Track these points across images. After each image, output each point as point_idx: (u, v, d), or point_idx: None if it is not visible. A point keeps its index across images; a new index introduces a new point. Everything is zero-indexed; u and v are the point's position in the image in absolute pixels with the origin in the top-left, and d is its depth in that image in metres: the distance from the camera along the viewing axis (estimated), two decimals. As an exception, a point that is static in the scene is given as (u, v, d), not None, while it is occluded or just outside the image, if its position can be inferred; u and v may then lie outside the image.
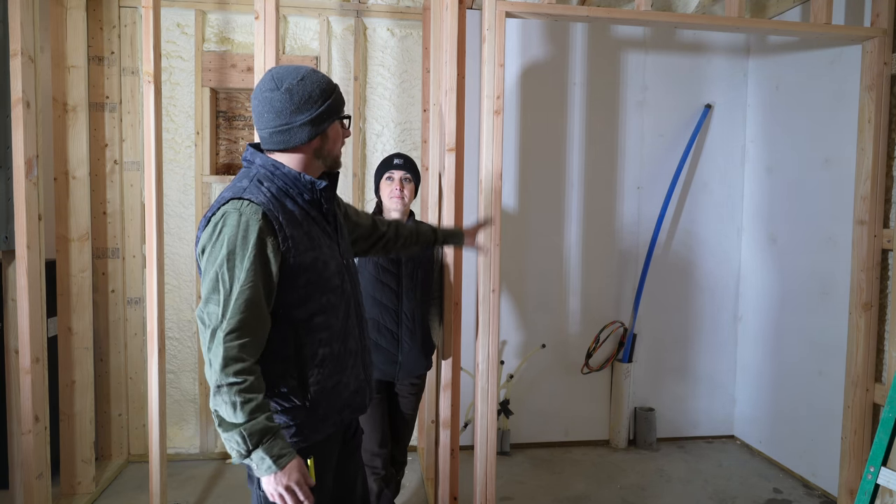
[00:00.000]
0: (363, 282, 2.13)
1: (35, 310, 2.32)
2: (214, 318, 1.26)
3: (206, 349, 1.27)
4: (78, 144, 2.81)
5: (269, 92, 1.37)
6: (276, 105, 1.36)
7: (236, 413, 1.24)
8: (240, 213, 1.29)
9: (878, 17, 2.64)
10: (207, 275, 1.29)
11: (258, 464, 1.26)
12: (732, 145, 3.62)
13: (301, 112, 1.37)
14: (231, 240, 1.28)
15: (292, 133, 1.38)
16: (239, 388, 1.24)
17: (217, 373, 1.24)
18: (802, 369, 3.14)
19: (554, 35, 3.44)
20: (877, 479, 1.89)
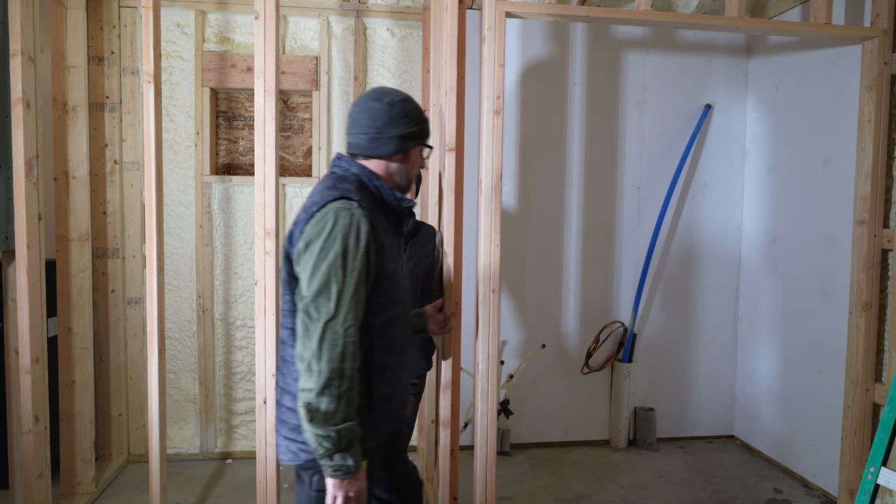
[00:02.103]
0: None
1: (35, 310, 2.32)
2: (326, 312, 1.28)
3: (316, 341, 1.27)
4: (78, 144, 2.81)
5: (372, 102, 1.48)
6: (374, 114, 1.46)
7: (337, 410, 1.26)
8: (351, 213, 1.33)
9: (878, 17, 2.64)
10: (318, 268, 1.30)
11: (337, 465, 1.28)
12: (732, 145, 3.62)
13: (394, 126, 1.47)
14: (345, 237, 1.31)
15: (381, 142, 1.47)
16: (349, 387, 1.27)
17: (332, 365, 1.26)
18: (802, 369, 3.14)
19: (554, 35, 3.44)
20: (877, 479, 1.89)
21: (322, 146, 3.30)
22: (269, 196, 2.36)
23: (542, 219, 3.48)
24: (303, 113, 3.42)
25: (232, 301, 3.32)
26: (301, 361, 1.29)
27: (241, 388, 3.35)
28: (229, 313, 3.32)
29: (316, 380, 1.26)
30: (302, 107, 3.41)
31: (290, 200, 3.33)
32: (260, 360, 2.40)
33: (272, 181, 2.36)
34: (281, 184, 3.26)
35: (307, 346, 1.29)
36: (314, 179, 3.30)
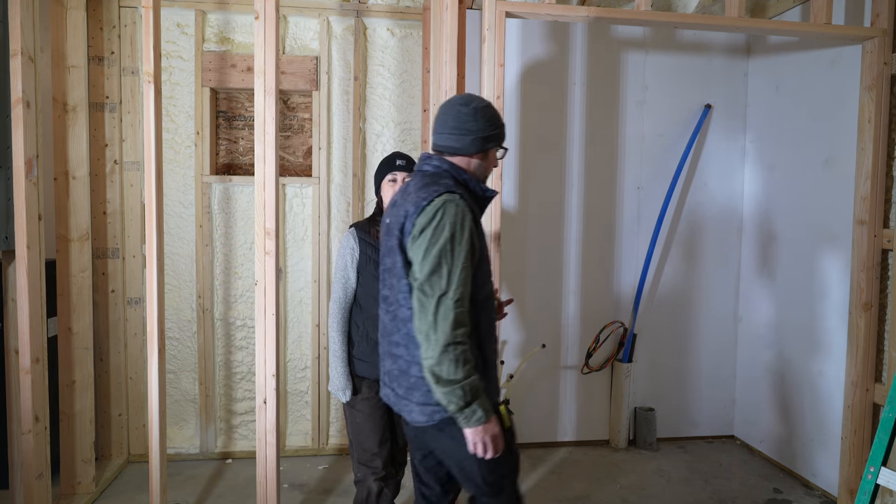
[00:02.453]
0: (365, 282, 2.14)
1: (35, 310, 2.31)
2: (439, 288, 1.49)
3: (431, 314, 1.49)
4: (78, 144, 2.81)
5: (460, 106, 1.68)
6: (461, 116, 1.66)
7: (457, 370, 1.47)
8: (456, 204, 1.54)
9: (878, 17, 2.64)
10: (430, 252, 1.52)
11: (468, 416, 1.49)
12: (732, 145, 3.62)
13: (477, 128, 1.66)
14: (452, 224, 1.52)
15: (465, 141, 1.66)
16: (463, 349, 1.48)
17: (446, 333, 1.47)
18: (802, 369, 3.15)
19: (554, 35, 3.44)
20: (877, 479, 1.89)
21: (322, 146, 3.30)
22: (269, 196, 2.36)
23: (541, 219, 3.48)
24: (303, 113, 3.42)
25: (232, 301, 3.32)
26: (420, 333, 1.51)
27: (241, 388, 3.35)
28: (229, 313, 3.33)
29: (434, 347, 1.48)
30: (302, 107, 3.41)
31: (290, 200, 3.33)
32: (260, 360, 2.40)
33: (272, 181, 2.36)
34: (281, 184, 3.27)
35: (424, 319, 1.50)
36: (314, 179, 3.30)
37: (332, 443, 3.42)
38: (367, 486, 2.18)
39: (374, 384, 2.18)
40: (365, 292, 2.16)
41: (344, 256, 2.17)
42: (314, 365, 3.36)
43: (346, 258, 2.16)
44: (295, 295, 3.36)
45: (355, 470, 2.22)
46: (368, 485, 2.18)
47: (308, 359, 3.39)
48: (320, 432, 3.38)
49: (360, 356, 2.17)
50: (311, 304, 3.36)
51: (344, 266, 2.16)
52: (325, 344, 3.36)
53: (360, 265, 2.15)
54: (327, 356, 3.37)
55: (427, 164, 1.70)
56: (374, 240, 2.16)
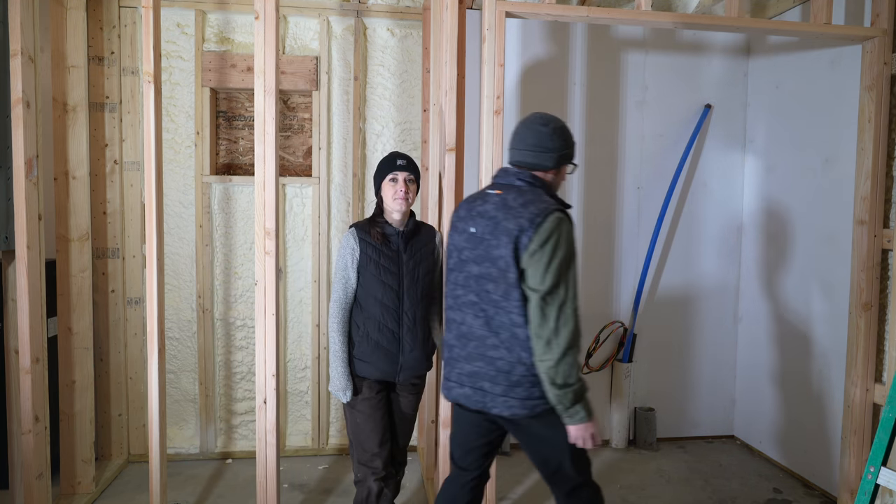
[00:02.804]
0: (366, 282, 2.14)
1: (35, 310, 2.32)
2: (559, 299, 1.66)
3: (553, 321, 1.65)
4: (78, 144, 2.81)
5: (540, 126, 1.86)
6: (540, 136, 1.84)
7: (571, 375, 1.66)
8: (568, 220, 1.75)
9: (878, 17, 2.64)
10: (551, 266, 1.67)
11: (573, 414, 1.70)
12: (732, 145, 3.62)
13: (554, 147, 1.85)
14: (569, 240, 1.72)
15: (543, 158, 1.85)
16: (577, 355, 1.67)
17: (567, 340, 1.65)
18: (802, 369, 3.14)
19: (554, 35, 3.44)
20: (877, 479, 1.89)
21: (322, 146, 3.30)
22: (269, 196, 2.36)
23: (542, 219, 3.48)
24: (303, 113, 3.42)
25: (232, 301, 3.32)
26: (539, 339, 1.67)
27: (241, 388, 3.35)
28: (229, 313, 3.33)
29: (555, 352, 1.65)
30: (302, 107, 3.41)
31: (290, 200, 3.33)
32: (260, 360, 2.40)
33: (272, 181, 2.36)
34: (281, 184, 3.27)
35: (545, 326, 1.66)
36: (314, 179, 3.30)
37: (332, 443, 3.42)
38: (367, 486, 2.18)
39: (374, 384, 2.18)
40: (366, 293, 2.15)
41: (344, 257, 2.16)
42: (314, 365, 3.36)
43: (347, 258, 2.15)
44: (295, 295, 3.36)
45: (355, 470, 2.22)
46: (369, 485, 2.18)
47: (308, 359, 3.39)
48: (320, 432, 3.38)
49: (360, 356, 2.16)
50: (311, 304, 3.36)
51: (344, 266, 2.16)
52: (325, 344, 3.36)
53: (361, 265, 2.15)
54: (327, 356, 3.37)
55: (517, 180, 1.85)
56: (375, 241, 2.15)
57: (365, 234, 2.16)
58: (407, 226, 2.21)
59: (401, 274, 2.18)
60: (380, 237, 2.17)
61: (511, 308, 1.74)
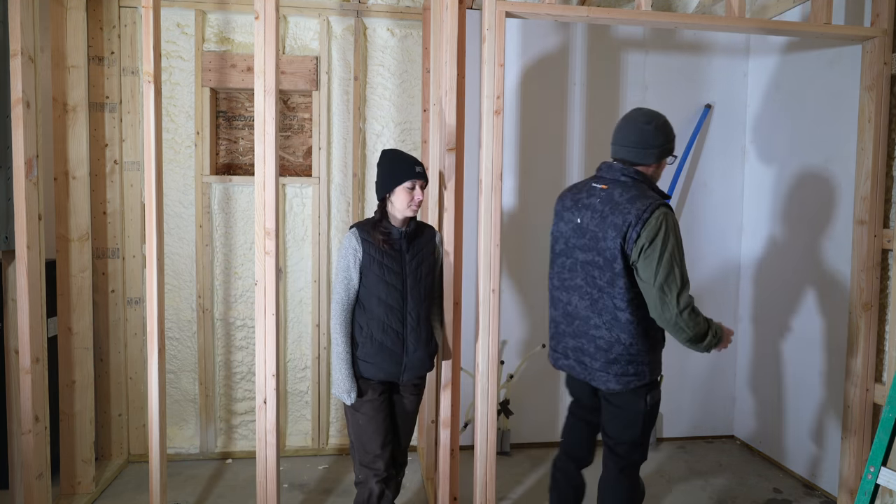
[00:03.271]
0: (369, 283, 2.12)
1: (35, 310, 2.32)
2: (675, 287, 1.87)
3: (674, 306, 1.87)
4: (78, 144, 2.81)
5: (643, 124, 1.99)
6: (643, 134, 1.98)
7: (707, 336, 1.94)
8: (671, 214, 1.91)
9: (878, 17, 2.64)
10: (662, 259, 1.86)
11: (710, 346, 1.98)
12: (732, 145, 3.62)
13: (656, 143, 1.99)
14: (674, 233, 1.89)
15: (645, 155, 2.00)
16: (701, 322, 1.93)
17: (689, 315, 1.89)
18: (802, 369, 3.15)
19: (554, 35, 3.44)
20: (877, 479, 1.89)
21: (322, 146, 3.30)
22: (269, 196, 2.36)
23: (542, 218, 3.48)
24: (303, 113, 3.42)
25: (232, 301, 3.32)
26: (666, 323, 1.90)
27: (241, 388, 3.35)
28: (229, 313, 3.33)
29: (685, 332, 1.90)
30: (302, 107, 3.41)
31: (290, 200, 3.33)
32: (260, 360, 2.40)
33: (272, 181, 2.36)
34: (281, 184, 3.27)
35: (668, 311, 1.88)
36: (314, 179, 3.30)
37: (332, 443, 3.42)
38: (368, 487, 2.18)
39: (377, 385, 2.17)
40: (368, 293, 2.13)
41: (346, 257, 2.13)
42: (314, 365, 3.36)
43: (349, 259, 2.13)
44: (295, 295, 3.36)
45: (356, 471, 2.21)
46: (370, 486, 2.17)
47: (308, 359, 3.39)
48: (320, 432, 3.38)
49: (364, 357, 2.14)
50: (311, 304, 3.36)
51: (346, 267, 2.13)
52: (325, 344, 3.36)
53: (364, 265, 2.12)
54: (327, 356, 3.37)
55: (622, 175, 2.01)
56: (381, 246, 2.11)
57: (368, 236, 2.14)
58: (409, 226, 2.20)
59: (404, 274, 2.16)
60: (383, 242, 2.13)
61: (615, 294, 1.95)
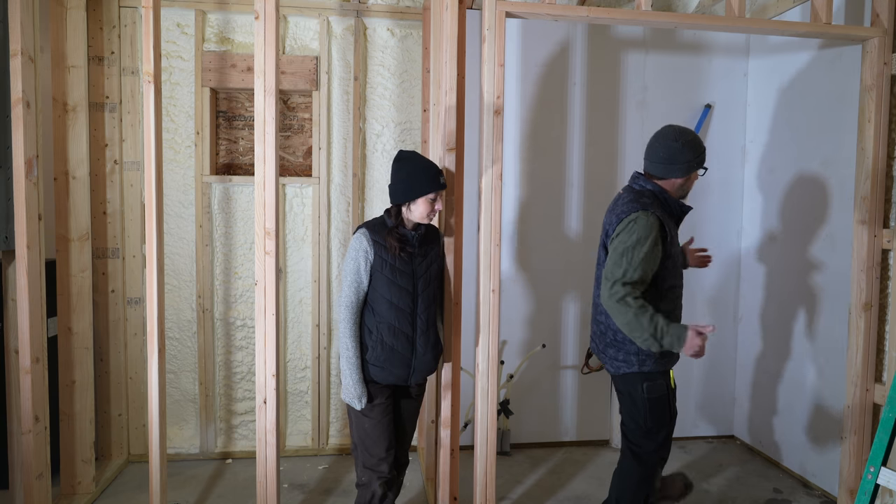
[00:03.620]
0: (379, 285, 2.08)
1: (35, 310, 2.32)
2: (617, 274, 2.03)
3: (608, 287, 2.04)
4: (78, 144, 2.81)
5: (670, 141, 2.14)
6: (670, 151, 2.14)
7: (637, 331, 2.02)
8: (647, 218, 2.05)
9: (878, 17, 2.64)
10: (616, 251, 2.06)
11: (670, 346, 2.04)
12: (732, 145, 3.62)
13: (683, 159, 2.13)
14: (643, 234, 2.03)
15: (672, 170, 2.16)
16: (635, 314, 2.00)
17: (620, 296, 2.01)
18: (802, 369, 3.15)
19: (554, 35, 3.44)
20: (877, 479, 1.89)
21: (322, 146, 3.30)
22: (269, 196, 2.36)
23: (542, 218, 3.48)
24: (303, 113, 3.42)
25: (232, 301, 3.32)
26: (603, 302, 2.07)
27: (241, 388, 3.35)
28: (229, 313, 3.33)
29: (615, 316, 2.05)
30: (302, 107, 3.41)
31: (290, 200, 3.33)
32: (260, 359, 2.40)
33: (272, 181, 2.36)
34: (281, 184, 3.27)
35: (602, 292, 2.07)
36: (314, 179, 3.30)
37: (332, 443, 3.42)
38: (371, 489, 2.16)
39: (384, 389, 2.15)
40: (378, 296, 2.09)
41: (356, 259, 2.08)
42: (314, 365, 3.36)
43: (360, 261, 2.08)
44: (295, 295, 3.36)
45: (360, 473, 2.20)
46: (373, 489, 2.16)
47: (308, 359, 3.39)
48: (320, 432, 3.38)
49: (373, 361, 2.11)
50: (311, 304, 3.36)
51: (356, 270, 2.08)
52: (325, 344, 3.36)
53: (375, 268, 2.08)
54: (327, 356, 3.37)
55: (636, 184, 2.22)
56: (391, 250, 2.08)
57: (379, 238, 2.09)
58: (420, 230, 2.18)
59: (415, 277, 2.14)
60: (399, 250, 2.09)
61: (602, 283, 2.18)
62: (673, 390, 2.30)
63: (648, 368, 2.19)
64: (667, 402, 2.27)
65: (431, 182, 2.08)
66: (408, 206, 2.12)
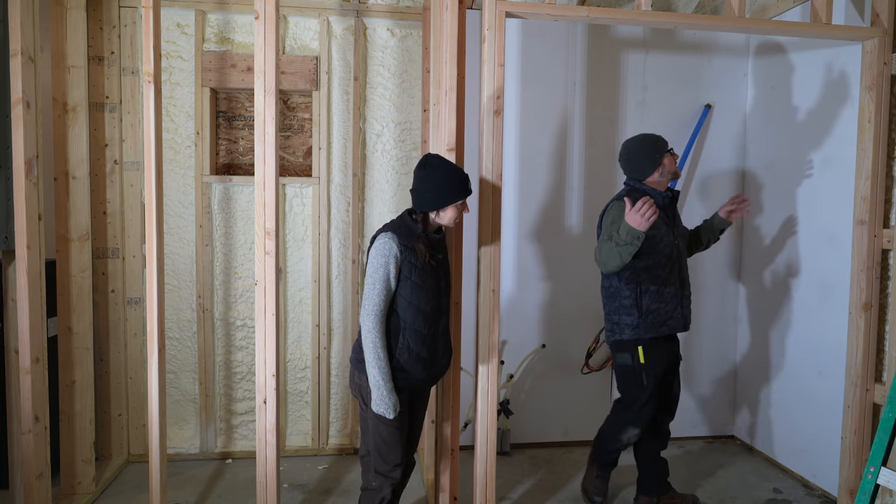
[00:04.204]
0: (407, 292, 2.04)
1: (35, 310, 2.32)
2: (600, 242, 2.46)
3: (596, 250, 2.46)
4: (78, 144, 2.81)
5: (627, 154, 2.60)
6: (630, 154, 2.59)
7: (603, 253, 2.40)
8: (618, 205, 2.50)
9: (878, 17, 2.64)
10: (605, 231, 2.48)
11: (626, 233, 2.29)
12: (732, 145, 3.62)
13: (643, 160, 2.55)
14: (613, 215, 2.48)
15: (640, 170, 2.58)
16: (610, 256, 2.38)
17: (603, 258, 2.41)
18: (802, 369, 3.14)
19: (554, 35, 3.44)
20: (877, 479, 1.89)
21: (322, 146, 3.30)
22: (269, 196, 2.36)
23: (542, 218, 3.48)
24: (303, 113, 3.42)
25: (232, 301, 3.32)
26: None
27: (241, 388, 3.35)
28: (229, 313, 3.33)
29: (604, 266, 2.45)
30: (302, 107, 3.41)
31: (290, 200, 3.33)
32: (260, 359, 2.40)
33: (272, 181, 2.36)
34: (281, 184, 3.27)
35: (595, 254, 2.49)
36: (314, 179, 3.30)
37: (332, 443, 3.42)
38: (381, 494, 2.15)
39: (405, 396, 2.11)
40: (405, 302, 2.04)
41: (386, 265, 2.00)
42: (314, 365, 3.36)
43: (390, 266, 2.01)
44: (295, 295, 3.36)
45: (371, 478, 2.18)
46: (383, 494, 2.15)
47: (308, 359, 3.39)
48: (320, 432, 3.39)
49: (398, 368, 2.06)
50: (311, 304, 3.36)
51: (386, 276, 2.01)
52: (325, 344, 3.36)
53: (404, 274, 2.04)
54: (328, 356, 3.37)
55: (625, 184, 2.66)
56: (423, 259, 2.06)
57: (408, 242, 2.05)
58: (440, 232, 2.17)
59: (439, 277, 2.13)
60: (430, 257, 2.08)
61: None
62: (643, 365, 2.53)
63: (618, 337, 2.58)
64: (633, 373, 2.55)
65: (462, 189, 2.09)
66: (436, 212, 2.11)
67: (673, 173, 2.56)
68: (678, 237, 2.63)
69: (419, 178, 2.10)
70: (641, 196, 2.44)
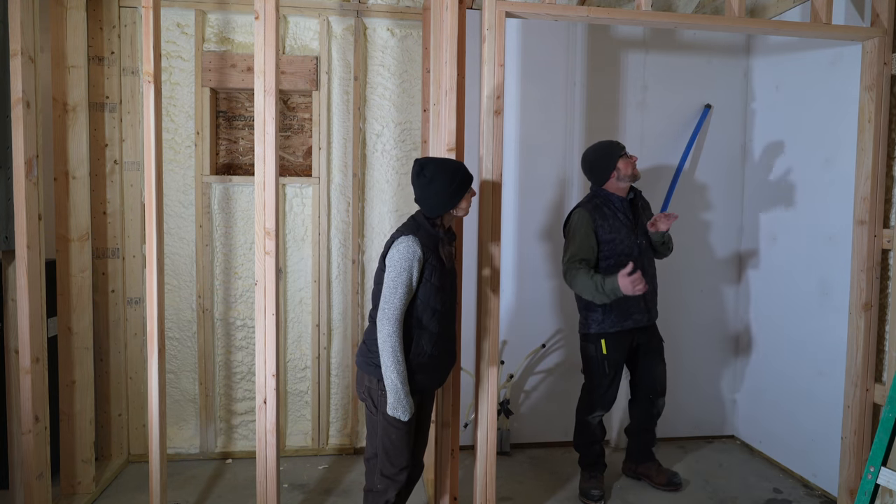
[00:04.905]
0: (425, 295, 2.03)
1: (35, 310, 2.32)
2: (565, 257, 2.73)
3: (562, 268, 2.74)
4: (78, 144, 2.81)
5: (586, 164, 2.84)
6: (587, 162, 2.83)
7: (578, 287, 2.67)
8: (580, 211, 2.74)
9: (878, 17, 2.64)
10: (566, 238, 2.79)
11: (610, 294, 2.54)
12: (732, 145, 3.62)
13: (598, 166, 2.77)
14: (576, 224, 2.73)
15: (598, 177, 2.80)
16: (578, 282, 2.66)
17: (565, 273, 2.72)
18: (802, 369, 3.14)
19: (554, 35, 3.44)
20: (877, 479, 1.89)
21: (322, 146, 3.30)
22: (269, 196, 2.36)
23: (542, 218, 3.48)
24: (303, 113, 3.42)
25: (232, 301, 3.32)
26: None
27: (241, 388, 3.35)
28: (229, 313, 3.33)
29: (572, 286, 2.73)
30: (302, 107, 3.41)
31: (290, 200, 3.33)
32: (260, 359, 2.40)
33: (272, 181, 2.36)
34: (281, 184, 3.27)
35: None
36: (314, 179, 3.30)
37: (332, 443, 3.42)
38: (386, 497, 2.14)
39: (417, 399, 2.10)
40: (424, 305, 2.03)
41: (410, 269, 1.98)
42: (314, 365, 3.36)
43: (413, 269, 1.98)
44: (295, 295, 3.36)
45: (377, 480, 2.16)
46: (388, 496, 2.14)
47: (308, 359, 3.39)
48: (320, 432, 3.39)
49: (414, 371, 2.05)
50: (311, 304, 3.36)
51: (409, 280, 1.98)
52: (325, 344, 3.36)
53: (425, 277, 2.02)
54: (328, 356, 3.37)
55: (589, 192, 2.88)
56: (448, 260, 2.06)
57: (430, 244, 2.04)
58: (450, 231, 2.18)
59: (453, 280, 2.13)
60: (451, 254, 2.11)
61: None
62: (605, 356, 2.79)
63: (586, 331, 2.85)
64: (596, 363, 2.82)
65: (465, 179, 2.10)
66: (454, 209, 2.12)
67: (630, 176, 2.71)
68: (641, 236, 2.81)
69: (421, 187, 2.08)
70: (602, 201, 2.76)
